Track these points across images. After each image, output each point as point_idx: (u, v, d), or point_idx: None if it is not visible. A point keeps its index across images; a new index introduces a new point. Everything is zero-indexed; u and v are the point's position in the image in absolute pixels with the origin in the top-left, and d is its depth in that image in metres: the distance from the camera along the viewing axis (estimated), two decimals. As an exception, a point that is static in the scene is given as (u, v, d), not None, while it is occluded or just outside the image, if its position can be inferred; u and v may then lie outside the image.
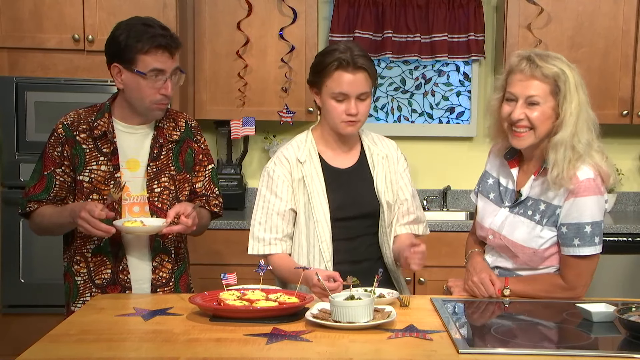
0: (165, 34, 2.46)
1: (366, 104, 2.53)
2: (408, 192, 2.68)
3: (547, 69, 2.30)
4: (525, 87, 2.32)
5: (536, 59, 2.32)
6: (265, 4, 4.22)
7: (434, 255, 3.20)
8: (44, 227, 2.58)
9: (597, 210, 2.33)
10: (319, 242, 2.55)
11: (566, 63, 2.34)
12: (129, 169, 2.56)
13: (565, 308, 2.26)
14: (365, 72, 2.49)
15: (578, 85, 2.32)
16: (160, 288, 2.59)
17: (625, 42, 4.18)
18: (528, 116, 2.32)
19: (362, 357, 1.84)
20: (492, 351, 1.89)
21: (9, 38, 3.85)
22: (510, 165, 2.48)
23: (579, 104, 2.30)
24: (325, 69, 2.50)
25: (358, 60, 2.48)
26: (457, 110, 4.68)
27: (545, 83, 2.30)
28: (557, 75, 2.29)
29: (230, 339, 1.96)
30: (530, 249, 2.39)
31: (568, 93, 2.29)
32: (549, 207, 2.36)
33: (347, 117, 2.51)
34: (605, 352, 1.90)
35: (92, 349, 1.90)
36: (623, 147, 4.52)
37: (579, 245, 2.32)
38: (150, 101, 2.50)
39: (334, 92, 2.50)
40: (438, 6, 4.39)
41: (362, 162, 2.66)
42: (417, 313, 2.22)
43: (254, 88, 4.26)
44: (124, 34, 2.45)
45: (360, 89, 2.50)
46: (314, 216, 2.55)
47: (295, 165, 2.60)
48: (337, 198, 2.58)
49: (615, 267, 3.90)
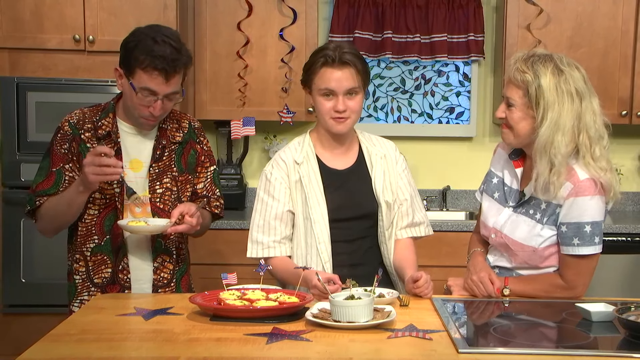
0: (166, 55, 2.40)
1: (356, 101, 2.53)
2: (407, 192, 2.67)
3: (519, 74, 2.33)
4: (506, 88, 2.40)
5: (519, 62, 2.35)
6: (265, 4, 4.23)
7: (433, 255, 3.22)
8: (53, 215, 2.51)
9: (597, 210, 2.33)
10: (316, 243, 2.55)
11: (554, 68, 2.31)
12: (132, 169, 2.57)
13: (564, 308, 2.26)
14: (351, 67, 2.49)
15: (565, 93, 2.29)
16: (162, 288, 2.60)
17: (625, 42, 4.19)
18: (507, 116, 2.38)
19: (362, 356, 1.84)
20: (492, 351, 1.89)
21: (10, 38, 3.86)
22: (515, 165, 2.49)
23: (560, 112, 2.28)
24: (312, 66, 2.53)
25: (344, 56, 2.49)
26: (456, 110, 4.68)
27: (517, 87, 2.35)
28: (528, 82, 2.31)
29: (231, 338, 1.96)
30: (530, 247, 2.39)
31: (542, 99, 2.29)
32: (549, 206, 2.37)
33: (335, 113, 2.52)
34: (604, 352, 1.91)
35: (93, 349, 1.89)
36: (622, 147, 4.52)
37: (579, 244, 2.32)
38: (139, 114, 2.50)
39: (321, 88, 2.51)
40: (438, 7, 4.39)
41: (360, 162, 2.66)
42: (416, 313, 2.22)
43: (254, 88, 4.27)
44: (133, 43, 2.43)
45: (347, 84, 2.50)
46: (312, 217, 2.55)
47: (293, 167, 2.60)
48: (335, 199, 2.58)
49: (614, 267, 3.90)
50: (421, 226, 2.71)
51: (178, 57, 2.43)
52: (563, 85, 2.30)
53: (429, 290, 2.38)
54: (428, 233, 2.74)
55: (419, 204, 2.72)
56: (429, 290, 2.39)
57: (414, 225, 2.68)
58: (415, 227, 2.69)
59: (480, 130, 4.61)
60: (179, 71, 2.46)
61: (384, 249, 2.63)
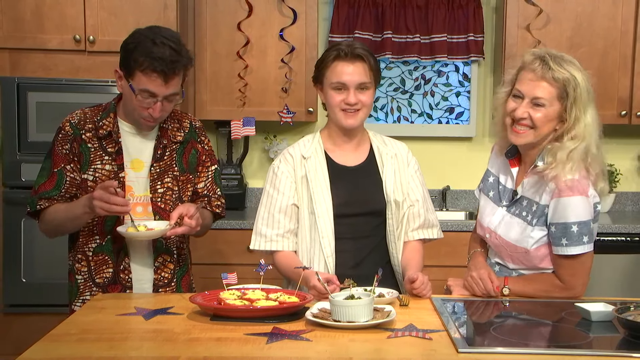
0: (165, 57, 2.40)
1: (367, 95, 2.54)
2: (419, 193, 2.67)
3: (558, 72, 2.29)
4: (533, 87, 2.32)
5: (550, 60, 2.31)
6: (265, 4, 4.24)
7: (433, 255, 3.22)
8: (57, 224, 2.55)
9: (582, 209, 2.31)
10: (320, 237, 2.55)
11: (579, 68, 2.33)
12: (133, 169, 2.58)
13: (564, 307, 2.26)
14: (363, 61, 2.51)
15: (590, 92, 2.32)
16: (163, 288, 2.61)
17: (624, 42, 4.20)
18: (531, 116, 2.32)
19: (361, 356, 1.85)
20: (491, 350, 1.89)
21: (10, 39, 3.87)
22: (511, 164, 2.49)
23: (592, 115, 2.31)
24: (324, 61, 2.55)
25: (356, 50, 2.51)
26: (456, 110, 4.69)
27: (553, 87, 2.30)
28: (567, 81, 2.29)
29: (231, 338, 1.96)
30: (522, 249, 2.40)
31: (579, 99, 2.29)
32: (538, 207, 2.37)
33: (346, 106, 2.52)
34: (603, 351, 1.91)
35: (93, 349, 1.90)
36: (621, 147, 4.54)
37: (567, 244, 2.32)
38: (138, 115, 2.50)
39: (332, 82, 2.52)
40: (437, 7, 4.40)
41: (371, 160, 2.66)
42: (416, 312, 2.23)
43: (254, 88, 4.28)
44: (132, 45, 2.44)
45: (359, 78, 2.51)
46: (316, 211, 2.55)
47: (300, 162, 2.61)
48: (342, 194, 2.58)
49: (613, 266, 3.91)
50: (434, 229, 2.70)
51: (177, 59, 2.43)
52: (588, 84, 2.32)
53: (427, 291, 2.39)
54: (439, 236, 2.73)
55: (430, 206, 2.71)
56: (427, 290, 2.39)
57: (425, 227, 2.68)
58: (427, 229, 2.69)
59: (480, 130, 4.62)
60: (178, 73, 2.46)
61: (392, 248, 2.62)
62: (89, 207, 2.39)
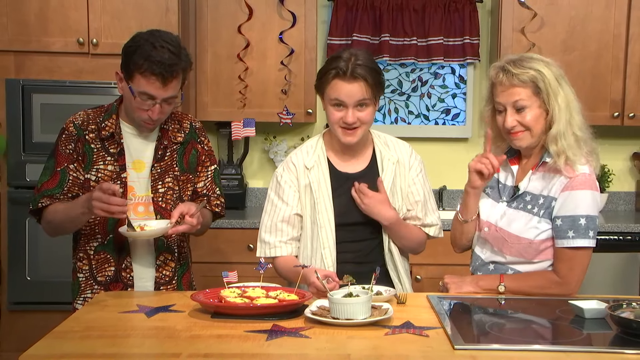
0: (164, 60, 2.42)
1: (367, 112, 2.52)
2: (420, 195, 2.66)
3: (522, 74, 2.36)
4: (508, 95, 2.39)
5: (510, 67, 2.38)
6: (265, 8, 4.26)
7: (430, 253, 3.23)
8: (57, 223, 2.56)
9: (592, 204, 2.36)
10: (321, 247, 2.57)
11: (541, 61, 2.40)
12: (135, 169, 2.60)
13: (558, 305, 2.27)
14: (362, 81, 2.47)
15: (558, 78, 2.39)
16: (164, 286, 2.63)
17: (617, 45, 4.23)
18: (520, 121, 2.39)
19: (359, 353, 1.85)
20: (487, 347, 1.90)
21: (15, 41, 3.88)
22: (511, 162, 2.54)
23: (564, 95, 2.38)
24: (325, 76, 2.52)
25: (356, 69, 2.46)
26: (452, 112, 4.72)
27: (525, 87, 2.37)
28: (534, 77, 2.36)
29: (231, 335, 1.97)
30: (526, 240, 2.41)
31: (550, 89, 2.36)
32: (546, 200, 2.40)
33: (345, 124, 2.52)
34: (597, 348, 1.93)
35: (96, 345, 1.90)
36: (614, 147, 4.57)
37: (574, 237, 2.34)
38: (138, 117, 2.53)
39: (332, 98, 2.51)
40: (434, 10, 4.42)
41: (372, 167, 2.65)
42: (413, 310, 2.23)
43: (255, 90, 4.29)
44: (132, 48, 2.46)
45: (357, 97, 2.49)
46: (319, 222, 2.57)
47: (303, 171, 2.61)
48: (343, 203, 2.59)
49: (606, 265, 3.93)
50: (432, 227, 2.69)
51: (176, 62, 2.45)
52: (555, 70, 2.40)
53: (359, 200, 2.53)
54: (438, 235, 2.73)
55: (432, 207, 2.70)
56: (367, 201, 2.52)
57: (424, 226, 2.68)
58: (426, 228, 2.69)
59: (476, 131, 4.63)
60: (177, 76, 2.48)
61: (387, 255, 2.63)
62: (87, 207, 2.40)
